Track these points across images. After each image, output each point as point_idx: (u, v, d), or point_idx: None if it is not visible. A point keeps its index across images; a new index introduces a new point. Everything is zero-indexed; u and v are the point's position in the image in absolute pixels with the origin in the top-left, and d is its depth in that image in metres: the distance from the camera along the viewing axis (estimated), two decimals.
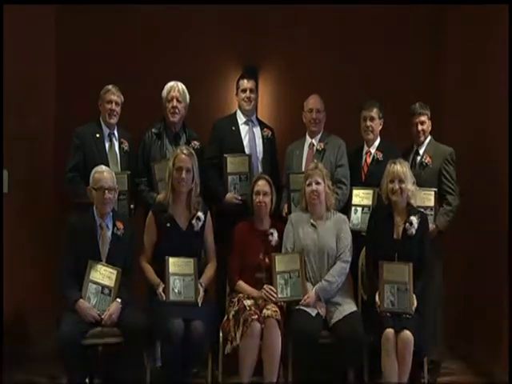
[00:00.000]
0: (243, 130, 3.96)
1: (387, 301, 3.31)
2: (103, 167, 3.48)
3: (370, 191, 3.68)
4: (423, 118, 3.82)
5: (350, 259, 3.49)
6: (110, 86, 3.81)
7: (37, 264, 4.19)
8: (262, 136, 3.96)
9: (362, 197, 3.69)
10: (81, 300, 3.25)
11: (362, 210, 3.67)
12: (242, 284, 3.52)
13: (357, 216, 3.68)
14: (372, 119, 3.82)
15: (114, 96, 3.78)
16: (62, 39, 4.51)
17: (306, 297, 3.39)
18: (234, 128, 3.94)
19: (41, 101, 4.38)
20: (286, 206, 3.80)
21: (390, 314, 3.30)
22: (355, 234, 3.59)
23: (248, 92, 3.93)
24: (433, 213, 3.63)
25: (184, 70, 4.30)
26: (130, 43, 4.59)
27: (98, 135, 3.77)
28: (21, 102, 4.05)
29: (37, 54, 4.27)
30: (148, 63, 4.58)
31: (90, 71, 4.47)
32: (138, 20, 4.60)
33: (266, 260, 3.52)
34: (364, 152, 3.86)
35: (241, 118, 3.98)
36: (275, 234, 3.58)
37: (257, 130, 3.98)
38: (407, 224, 3.41)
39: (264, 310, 3.33)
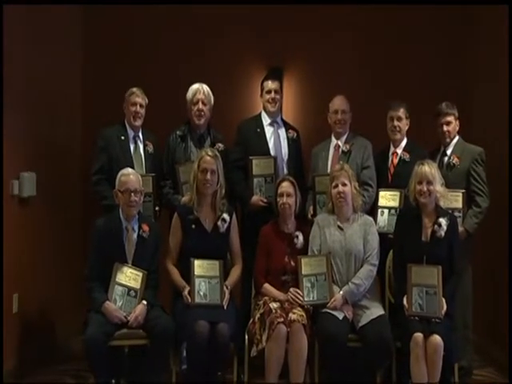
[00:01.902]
0: (268, 131, 3.95)
1: (415, 304, 3.27)
2: (129, 170, 3.49)
3: (397, 193, 3.63)
4: (449, 119, 3.75)
5: (377, 262, 3.46)
6: (134, 89, 3.82)
7: (63, 265, 4.21)
8: (287, 137, 3.94)
9: (388, 198, 3.64)
10: (107, 302, 3.27)
11: (389, 211, 3.63)
12: (267, 287, 3.50)
13: (383, 218, 3.63)
14: (399, 119, 3.77)
15: (138, 98, 3.79)
16: (89, 41, 4.56)
17: (332, 300, 3.37)
18: (258, 130, 3.94)
19: (68, 104, 4.43)
20: (311, 208, 3.78)
21: (418, 317, 3.25)
22: (382, 236, 3.55)
23: (273, 93, 3.92)
24: (461, 215, 3.57)
25: (208, 72, 4.33)
26: (155, 45, 4.61)
27: (122, 137, 3.79)
28: (49, 107, 4.11)
29: (63, 57, 4.33)
30: (173, 65, 4.59)
31: (116, 73, 4.49)
32: (163, 21, 4.60)
33: (292, 263, 3.50)
34: (390, 153, 3.82)
35: (266, 120, 3.97)
36: (300, 237, 3.56)
37: (282, 132, 3.96)
38: (436, 226, 3.35)
39: (290, 314, 3.31)
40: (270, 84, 3.93)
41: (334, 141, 3.88)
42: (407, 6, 4.44)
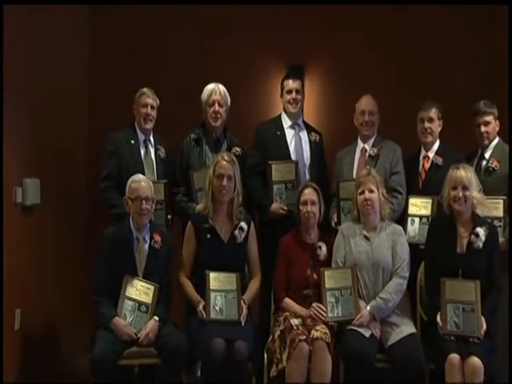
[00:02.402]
0: (289, 134, 3.96)
1: (451, 322, 3.22)
2: (140, 176, 3.51)
3: (429, 200, 3.62)
4: (488, 118, 3.72)
5: (407, 275, 3.43)
6: (144, 89, 3.86)
7: (69, 278, 4.25)
8: (310, 140, 3.96)
9: (419, 206, 3.63)
10: (116, 317, 3.27)
11: (420, 220, 3.62)
12: (288, 301, 3.49)
13: (414, 227, 3.62)
14: (431, 120, 3.76)
15: (149, 99, 3.82)
16: (95, 41, 4.62)
17: (358, 316, 3.35)
18: (278, 132, 3.95)
19: (73, 106, 4.47)
20: (335, 216, 3.78)
21: (454, 337, 3.20)
22: (412, 247, 3.53)
23: (294, 93, 3.94)
24: (502, 224, 3.52)
25: (224, 71, 4.37)
26: (166, 44, 4.65)
27: (132, 141, 3.82)
28: (53, 110, 4.15)
29: (68, 57, 4.38)
30: (185, 64, 4.62)
31: (124, 74, 4.53)
32: (173, 20, 4.63)
33: (315, 275, 3.50)
34: (421, 157, 3.81)
35: (286, 122, 3.99)
36: (324, 248, 3.56)
37: (303, 134, 3.98)
38: (473, 236, 3.32)
39: (313, 331, 3.29)
40: (291, 83, 3.95)
41: (360, 144, 3.89)
42: (425, 5, 4.44)
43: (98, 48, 4.62)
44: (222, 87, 3.89)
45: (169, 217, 3.77)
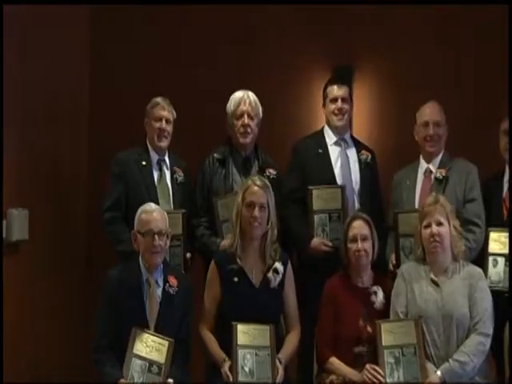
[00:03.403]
0: (333, 152, 3.94)
1: None
2: (152, 206, 3.48)
3: None
4: None
5: (490, 331, 3.32)
6: (158, 99, 3.86)
7: (64, 329, 4.24)
8: (359, 160, 3.94)
9: (503, 243, 3.56)
10: (122, 380, 3.21)
11: (505, 261, 3.56)
12: (335, 361, 3.43)
13: (497, 270, 3.57)
14: None
15: (164, 111, 3.83)
16: (97, 47, 4.69)
17: (426, 382, 3.26)
18: (320, 151, 3.93)
19: (72, 122, 4.52)
20: (393, 255, 3.74)
21: None
22: (496, 294, 3.45)
23: (339, 102, 3.91)
24: None
25: (253, 76, 4.37)
26: (182, 47, 4.68)
27: (144, 162, 3.82)
28: (48, 126, 4.18)
29: (67, 64, 4.44)
30: (206, 71, 4.63)
31: (131, 83, 4.59)
32: (189, 20, 4.68)
33: (369, 329, 3.43)
34: (505, 179, 3.76)
35: (330, 137, 3.97)
36: (380, 294, 3.50)
37: (352, 153, 3.96)
38: None
39: None
40: (336, 90, 3.93)
41: (423, 164, 3.84)
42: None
43: (101, 54, 4.69)
44: (252, 95, 3.89)
45: (187, 255, 3.76)
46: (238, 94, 3.89)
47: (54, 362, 4.12)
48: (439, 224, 3.42)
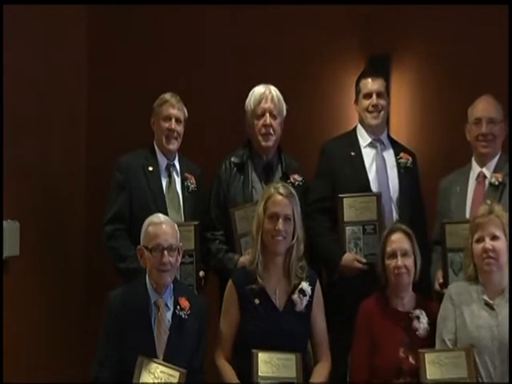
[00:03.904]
0: (368, 155, 3.93)
1: None
2: (161, 217, 3.45)
3: None
4: None
5: None
6: (167, 95, 3.87)
7: (60, 358, 4.26)
8: (398, 164, 3.92)
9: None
10: None
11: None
12: None
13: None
14: None
15: (173, 110, 3.83)
16: (95, 46, 4.76)
17: None
18: (353, 153, 3.92)
19: (68, 123, 4.56)
20: (440, 273, 3.71)
21: None
22: None
23: (374, 97, 3.90)
24: None
25: (274, 70, 4.39)
26: (186, 44, 4.73)
27: (150, 168, 3.83)
28: (42, 127, 4.22)
29: (63, 64, 4.49)
30: (218, 66, 4.66)
31: (133, 85, 4.64)
32: (191, 16, 4.72)
33: (411, 359, 3.39)
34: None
35: (364, 138, 3.96)
36: (424, 319, 3.46)
37: (389, 156, 3.94)
38: None
39: None
40: (371, 83, 3.92)
41: (476, 168, 3.80)
42: None
43: (100, 54, 4.75)
44: (274, 90, 3.88)
45: (201, 274, 3.76)
46: (259, 90, 3.88)
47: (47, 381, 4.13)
48: (494, 238, 3.37)
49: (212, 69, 4.67)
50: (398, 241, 3.52)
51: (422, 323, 3.46)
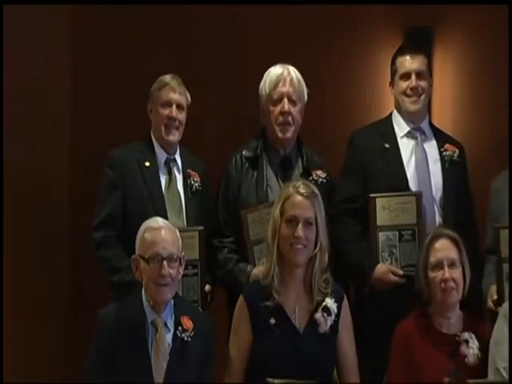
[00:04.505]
0: (405, 147, 3.94)
1: None
2: (160, 221, 3.43)
3: None
4: None
5: None
6: (167, 78, 3.87)
7: (45, 363, 4.36)
8: (442, 158, 3.91)
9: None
10: None
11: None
12: None
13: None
14: None
15: (174, 94, 3.84)
16: (81, 44, 4.90)
17: None
18: (387, 145, 3.92)
19: (53, 118, 4.65)
20: (493, 288, 3.67)
21: None
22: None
23: (414, 78, 3.88)
24: None
25: (293, 48, 4.39)
26: (180, 29, 4.83)
27: (147, 163, 3.85)
28: (24, 125, 4.31)
29: (48, 61, 4.64)
30: (228, 38, 4.74)
31: (121, 72, 4.79)
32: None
33: None
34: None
35: (401, 127, 3.96)
36: (473, 343, 3.44)
37: (431, 148, 3.95)
38: None
39: None
40: (409, 61, 3.91)
41: None
42: None
43: (85, 53, 4.90)
44: (294, 71, 3.86)
45: (207, 288, 3.76)
46: (276, 71, 3.87)
47: None
48: None
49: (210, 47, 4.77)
50: (444, 249, 3.49)
51: (472, 348, 3.43)
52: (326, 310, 3.42)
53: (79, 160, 4.72)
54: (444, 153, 3.91)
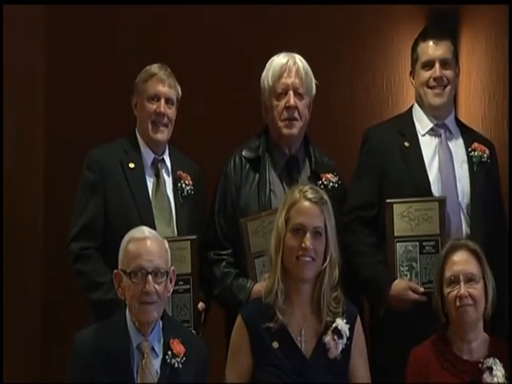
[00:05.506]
0: (428, 146, 3.95)
1: None
2: (145, 231, 3.42)
3: None
4: None
5: None
6: (154, 68, 3.89)
7: None
8: (470, 159, 3.92)
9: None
10: None
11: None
12: None
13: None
14: None
15: (163, 86, 3.86)
16: (54, 44, 4.93)
17: None
18: (407, 144, 3.94)
19: (23, 121, 4.70)
20: None
21: None
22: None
23: (437, 67, 3.89)
24: None
25: (298, 33, 4.43)
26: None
27: (131, 165, 3.86)
28: None
29: (20, 61, 4.67)
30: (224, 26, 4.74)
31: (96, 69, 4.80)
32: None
33: None
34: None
35: (422, 123, 3.97)
36: (498, 371, 3.42)
37: (457, 147, 3.96)
38: None
39: None
40: (432, 48, 3.92)
41: None
42: None
43: (58, 50, 4.94)
44: (300, 60, 3.87)
45: (200, 306, 3.77)
46: (279, 60, 3.87)
47: None
48: None
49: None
50: (462, 262, 3.48)
51: (497, 376, 3.41)
52: (337, 332, 3.42)
53: (54, 163, 4.75)
54: (472, 153, 3.92)
